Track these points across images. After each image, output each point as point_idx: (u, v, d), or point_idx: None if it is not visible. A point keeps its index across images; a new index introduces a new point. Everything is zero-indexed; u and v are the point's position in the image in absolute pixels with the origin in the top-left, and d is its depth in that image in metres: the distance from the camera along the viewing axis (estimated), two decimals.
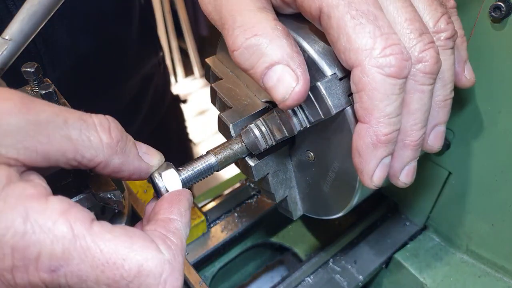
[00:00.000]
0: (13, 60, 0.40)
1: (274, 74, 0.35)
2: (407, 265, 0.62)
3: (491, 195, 0.54)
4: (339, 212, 0.48)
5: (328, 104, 0.36)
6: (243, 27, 0.35)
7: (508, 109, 0.47)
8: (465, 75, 0.43)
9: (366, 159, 0.36)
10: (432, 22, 0.38)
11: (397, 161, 0.39)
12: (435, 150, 0.42)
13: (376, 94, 0.34)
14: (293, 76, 0.35)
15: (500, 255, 0.56)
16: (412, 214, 0.67)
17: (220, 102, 0.49)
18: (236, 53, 0.36)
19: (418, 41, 0.35)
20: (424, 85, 0.36)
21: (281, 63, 0.35)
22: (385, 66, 0.33)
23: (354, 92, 0.35)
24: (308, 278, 0.61)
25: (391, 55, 0.33)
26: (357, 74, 0.34)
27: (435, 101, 0.39)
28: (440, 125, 0.41)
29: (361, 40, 0.33)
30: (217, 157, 0.42)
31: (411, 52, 0.35)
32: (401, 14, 0.35)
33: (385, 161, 0.37)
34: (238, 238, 0.68)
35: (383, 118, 0.35)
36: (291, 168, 0.50)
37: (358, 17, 0.33)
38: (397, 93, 0.34)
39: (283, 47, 0.35)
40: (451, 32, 0.38)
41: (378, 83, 0.33)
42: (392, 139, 0.36)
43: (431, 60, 0.35)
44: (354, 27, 0.33)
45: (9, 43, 0.38)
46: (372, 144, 0.35)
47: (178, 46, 3.22)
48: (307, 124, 0.39)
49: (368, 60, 0.33)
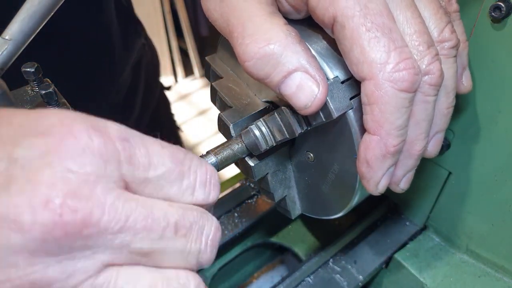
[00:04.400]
0: (13, 60, 0.40)
1: (293, 82, 0.34)
2: (407, 265, 0.62)
3: (491, 195, 0.54)
4: (339, 213, 0.48)
5: (330, 107, 0.36)
6: (254, 35, 0.34)
7: (508, 109, 0.47)
8: (462, 81, 0.43)
9: (375, 169, 0.37)
10: (437, 32, 0.38)
11: (400, 169, 0.39)
12: (433, 156, 0.42)
13: (388, 107, 0.34)
14: (314, 82, 0.34)
15: (500, 255, 0.56)
16: (412, 214, 0.67)
17: (220, 101, 0.49)
18: (249, 64, 0.35)
19: (426, 54, 0.35)
20: (429, 96, 0.36)
21: (299, 70, 0.34)
22: (398, 80, 0.33)
23: (365, 104, 0.35)
24: (308, 278, 0.61)
25: (404, 70, 0.33)
26: (370, 88, 0.34)
27: (438, 109, 0.39)
28: (440, 133, 0.41)
29: (375, 53, 0.33)
30: (217, 157, 0.42)
31: (420, 64, 0.35)
32: (411, 25, 0.35)
33: (390, 170, 0.38)
34: (238, 238, 0.68)
35: (393, 131, 0.35)
36: (291, 168, 0.50)
37: (373, 30, 0.33)
38: (407, 106, 0.35)
39: (299, 53, 0.34)
40: (455, 42, 0.38)
41: (391, 97, 0.33)
42: (399, 150, 0.36)
43: (437, 72, 0.36)
44: (369, 40, 0.33)
45: (9, 43, 0.38)
46: (382, 156, 0.36)
47: (178, 46, 3.22)
48: (308, 126, 0.39)
49: (382, 74, 0.33)
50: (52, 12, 0.40)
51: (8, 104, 0.38)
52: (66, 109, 0.27)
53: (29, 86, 0.45)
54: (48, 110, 0.27)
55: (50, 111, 0.26)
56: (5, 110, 0.27)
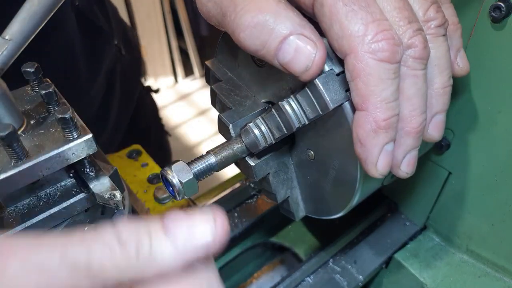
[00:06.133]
0: (13, 60, 0.40)
1: (290, 47, 0.34)
2: (407, 265, 0.62)
3: (491, 195, 0.54)
4: (339, 212, 0.48)
5: (326, 99, 0.36)
6: (245, 7, 0.35)
7: (508, 109, 0.47)
8: (457, 63, 0.43)
9: (368, 147, 0.36)
10: (422, 11, 0.38)
11: (398, 149, 0.38)
12: (436, 139, 0.42)
13: (371, 79, 0.34)
14: (311, 43, 0.34)
15: (500, 255, 0.56)
16: (412, 214, 0.67)
17: (220, 104, 0.49)
18: (244, 35, 0.35)
19: (407, 28, 0.36)
20: (416, 70, 0.36)
21: (293, 34, 0.34)
22: (377, 51, 0.33)
23: (350, 81, 0.35)
24: (308, 278, 0.61)
25: (383, 40, 0.33)
26: (351, 62, 0.34)
27: (433, 89, 0.39)
28: (440, 114, 0.41)
29: (353, 26, 0.33)
30: (217, 157, 0.42)
31: (402, 39, 0.35)
32: (391, 2, 0.36)
33: (388, 148, 0.37)
34: (238, 238, 0.68)
35: (380, 103, 0.35)
36: (292, 168, 0.50)
37: (350, 4, 0.33)
38: (392, 77, 0.34)
39: (292, 18, 0.34)
40: (440, 20, 0.38)
41: (372, 68, 0.34)
42: (391, 124, 0.36)
43: (420, 45, 0.36)
44: (347, 14, 0.33)
45: (9, 43, 0.38)
46: (373, 131, 0.35)
47: (178, 46, 3.22)
48: (305, 120, 0.39)
49: (361, 46, 0.33)
50: (52, 12, 0.40)
51: (8, 104, 0.38)
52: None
53: (29, 86, 0.45)
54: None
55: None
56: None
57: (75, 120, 0.39)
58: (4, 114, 0.38)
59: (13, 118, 0.39)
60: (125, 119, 1.05)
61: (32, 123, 0.41)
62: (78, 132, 0.39)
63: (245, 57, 0.46)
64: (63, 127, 0.39)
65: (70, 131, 0.39)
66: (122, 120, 1.04)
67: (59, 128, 0.40)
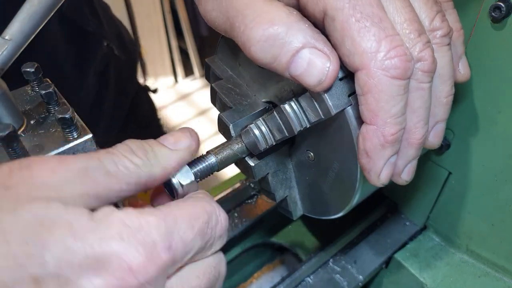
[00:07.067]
0: (13, 60, 0.40)
1: (303, 60, 0.34)
2: (407, 265, 0.62)
3: (491, 195, 0.54)
4: (339, 212, 0.48)
5: (328, 104, 0.36)
6: (256, 19, 0.34)
7: (508, 109, 0.47)
8: (459, 69, 0.43)
9: (374, 160, 0.37)
10: (428, 21, 0.38)
11: (401, 159, 0.39)
12: (436, 147, 0.42)
13: (382, 96, 0.34)
14: (324, 56, 0.34)
15: (500, 255, 0.56)
16: (412, 214, 0.67)
17: (220, 102, 0.49)
18: (255, 49, 0.35)
19: (418, 41, 0.36)
20: (424, 83, 0.36)
21: (306, 47, 0.34)
22: (390, 68, 0.33)
23: (360, 95, 0.35)
24: (308, 278, 0.61)
25: (396, 57, 0.33)
26: (363, 78, 0.34)
27: (436, 98, 0.39)
28: (441, 122, 0.41)
29: (366, 43, 0.33)
30: (217, 157, 0.42)
31: (412, 52, 0.35)
32: (401, 14, 0.36)
33: (391, 160, 0.37)
34: (238, 238, 0.68)
35: (390, 119, 0.35)
36: (291, 168, 0.50)
37: (363, 20, 0.33)
38: (402, 93, 0.35)
39: (304, 30, 0.34)
40: (446, 30, 0.38)
41: (384, 85, 0.34)
42: (398, 138, 0.36)
43: (429, 59, 0.36)
44: (359, 30, 0.33)
45: (9, 43, 0.38)
46: (380, 145, 0.36)
47: (178, 46, 3.21)
48: (307, 124, 0.39)
49: (374, 63, 0.33)
50: (52, 12, 0.40)
51: (8, 104, 0.38)
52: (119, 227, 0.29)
53: (29, 86, 0.45)
54: (108, 234, 0.28)
55: (109, 237, 0.28)
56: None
57: (75, 120, 0.39)
58: (4, 114, 0.38)
59: (13, 118, 0.39)
60: (119, 120, 1.04)
61: (32, 123, 0.41)
62: (78, 132, 0.39)
63: (246, 57, 0.46)
64: (63, 127, 0.39)
65: (70, 131, 0.39)
66: (116, 121, 1.03)
67: (59, 128, 0.40)
